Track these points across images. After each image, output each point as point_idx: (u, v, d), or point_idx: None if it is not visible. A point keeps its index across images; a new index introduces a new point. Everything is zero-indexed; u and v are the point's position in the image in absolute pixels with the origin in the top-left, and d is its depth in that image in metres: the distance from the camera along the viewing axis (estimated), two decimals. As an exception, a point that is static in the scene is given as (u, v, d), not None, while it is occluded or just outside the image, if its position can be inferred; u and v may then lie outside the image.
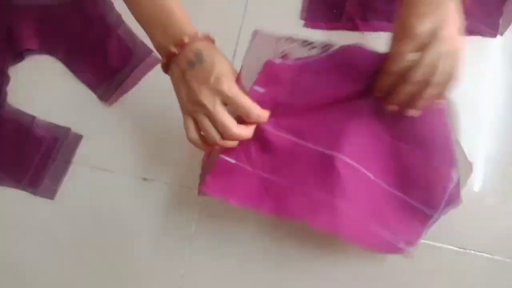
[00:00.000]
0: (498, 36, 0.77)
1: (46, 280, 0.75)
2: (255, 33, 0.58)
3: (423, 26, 0.46)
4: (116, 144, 0.77)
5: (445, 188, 0.60)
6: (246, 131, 0.54)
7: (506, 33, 0.77)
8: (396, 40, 0.50)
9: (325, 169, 0.59)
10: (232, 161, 0.61)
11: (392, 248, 0.63)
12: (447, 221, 0.73)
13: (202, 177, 0.64)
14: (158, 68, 0.78)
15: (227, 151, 0.59)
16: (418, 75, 0.48)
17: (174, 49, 0.53)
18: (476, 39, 0.77)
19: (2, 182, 0.77)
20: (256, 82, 0.56)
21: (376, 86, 0.55)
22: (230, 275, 0.74)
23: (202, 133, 0.55)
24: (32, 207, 0.77)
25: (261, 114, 0.54)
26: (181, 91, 0.54)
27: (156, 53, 0.77)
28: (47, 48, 0.80)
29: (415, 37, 0.47)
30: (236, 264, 0.74)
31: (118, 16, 0.80)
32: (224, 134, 0.52)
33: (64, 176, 0.76)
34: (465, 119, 0.75)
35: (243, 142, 0.58)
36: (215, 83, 0.50)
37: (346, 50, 0.55)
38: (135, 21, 0.79)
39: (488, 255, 0.72)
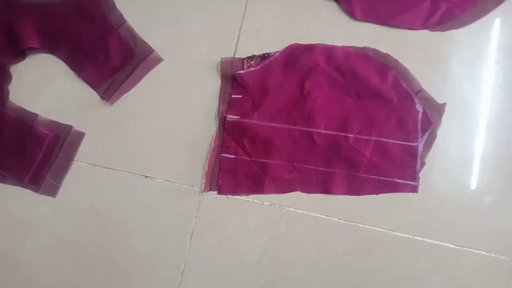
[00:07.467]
0: (496, 37, 0.78)
1: (49, 276, 0.76)
2: (221, 59, 0.77)
3: None
4: (118, 142, 0.77)
5: (415, 120, 0.74)
6: None
7: (504, 33, 0.78)
8: None
9: (306, 143, 0.74)
10: (232, 156, 0.75)
11: (393, 186, 0.74)
12: (445, 219, 0.74)
13: (210, 176, 0.75)
14: (159, 67, 0.79)
15: (226, 150, 0.75)
16: None
17: None
18: (473, 39, 0.77)
19: (4, 180, 0.78)
20: (233, 92, 0.76)
21: None
22: (229, 272, 0.74)
23: None
24: (34, 205, 0.77)
25: None
26: None
27: (157, 52, 0.79)
28: (48, 46, 0.81)
29: None
30: (235, 261, 0.75)
31: (120, 15, 0.81)
32: None
33: (66, 173, 0.77)
34: (463, 118, 0.76)
35: (237, 139, 0.75)
36: None
37: (289, 48, 0.77)
38: (137, 20, 0.80)
39: (485, 253, 0.73)
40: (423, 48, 0.77)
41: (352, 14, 0.77)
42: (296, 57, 0.77)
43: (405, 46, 0.77)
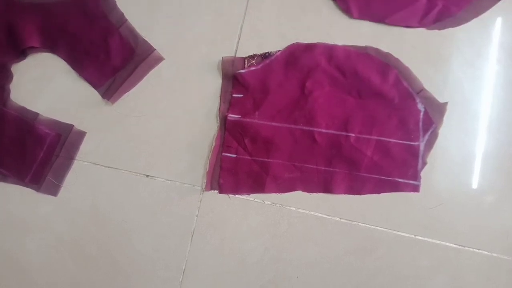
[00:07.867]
0: (497, 36, 0.78)
1: (49, 276, 0.76)
2: (222, 59, 0.77)
3: None
4: (119, 141, 0.77)
5: (417, 120, 0.74)
6: None
7: (505, 32, 0.78)
8: None
9: (307, 142, 0.74)
10: (233, 155, 0.76)
11: (394, 186, 0.74)
12: (446, 219, 0.74)
13: (211, 176, 0.75)
14: (160, 66, 0.79)
15: (227, 149, 0.75)
16: None
17: None
18: (474, 38, 0.77)
19: (5, 179, 0.78)
20: (234, 91, 0.76)
21: None
22: (230, 271, 0.74)
23: None
24: (34, 204, 0.77)
25: None
26: None
27: (158, 51, 0.79)
28: (49, 45, 0.81)
29: None
30: (237, 260, 0.74)
31: (120, 14, 0.81)
32: None
33: (67, 172, 0.77)
34: (464, 117, 0.76)
35: (238, 138, 0.75)
36: None
37: (290, 47, 0.77)
38: (137, 19, 0.80)
39: (486, 252, 0.73)
40: (424, 48, 0.77)
41: (348, 12, 0.77)
42: (297, 57, 0.77)
43: (406, 46, 0.77)
